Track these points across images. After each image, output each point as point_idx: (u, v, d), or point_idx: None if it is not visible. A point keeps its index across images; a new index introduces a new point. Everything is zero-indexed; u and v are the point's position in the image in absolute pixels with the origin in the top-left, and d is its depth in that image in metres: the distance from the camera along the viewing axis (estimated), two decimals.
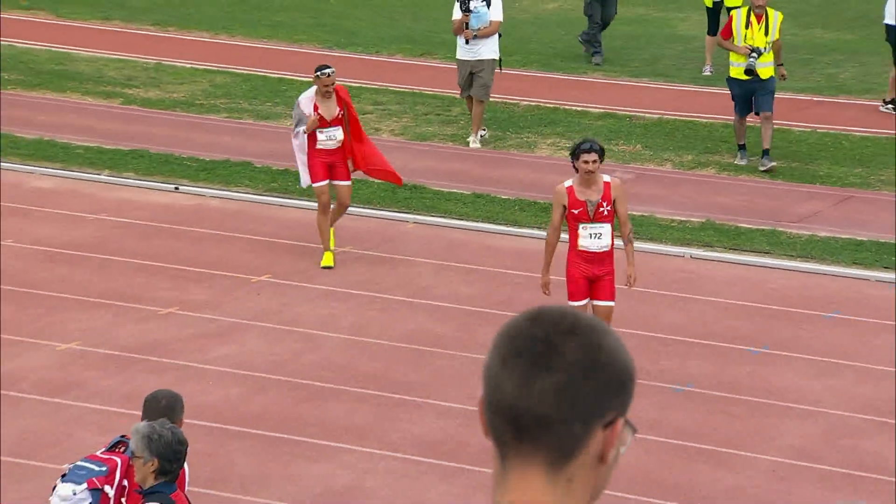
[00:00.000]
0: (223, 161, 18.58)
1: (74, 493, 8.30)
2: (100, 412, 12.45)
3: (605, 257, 12.27)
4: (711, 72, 21.65)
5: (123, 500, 8.36)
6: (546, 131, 19.69)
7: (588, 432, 2.45)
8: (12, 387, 13.06)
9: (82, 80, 21.70)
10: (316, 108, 15.17)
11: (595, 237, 12.21)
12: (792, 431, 12.47)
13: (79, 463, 8.50)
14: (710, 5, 21.45)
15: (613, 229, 12.38)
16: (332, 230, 15.48)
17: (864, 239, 16.22)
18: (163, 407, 8.57)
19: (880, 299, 14.95)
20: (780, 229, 16.54)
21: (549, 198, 17.58)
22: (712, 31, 21.54)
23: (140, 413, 8.75)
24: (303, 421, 12.59)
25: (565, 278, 12.55)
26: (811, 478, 11.80)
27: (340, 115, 15.24)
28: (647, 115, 20.24)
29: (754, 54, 17.44)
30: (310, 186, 15.49)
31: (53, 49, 23.20)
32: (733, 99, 17.98)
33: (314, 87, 15.27)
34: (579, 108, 20.48)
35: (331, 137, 15.25)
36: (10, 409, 12.70)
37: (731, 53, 17.82)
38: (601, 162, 12.31)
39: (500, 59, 18.88)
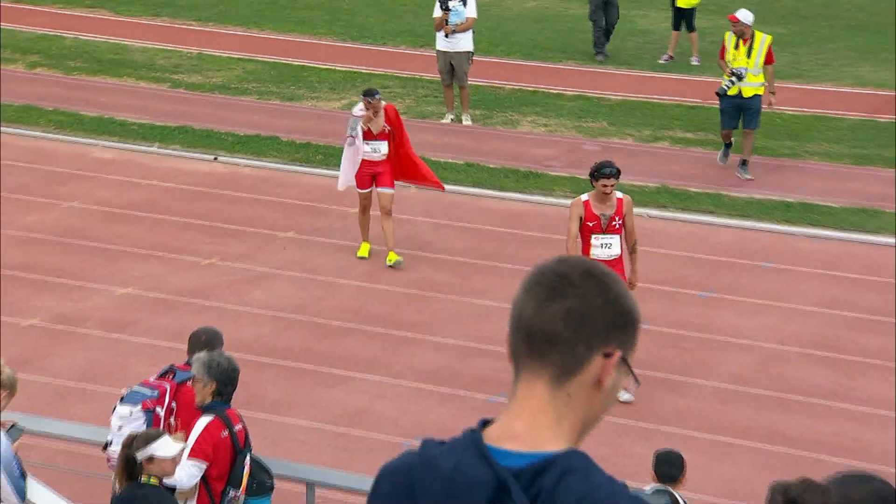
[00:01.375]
0: (254, 135, 18.57)
1: (131, 413, 8.35)
2: (152, 346, 12.50)
3: (615, 264, 11.43)
4: (666, 60, 21.60)
5: (172, 419, 8.41)
6: (527, 110, 19.67)
7: (589, 355, 2.43)
8: (79, 324, 13.12)
9: (136, 68, 21.66)
10: (367, 121, 14.29)
11: (606, 247, 11.58)
12: (731, 362, 12.53)
13: (134, 388, 8.54)
14: (692, 4, 21.37)
15: (622, 240, 11.68)
16: (392, 236, 14.34)
17: (793, 201, 16.24)
18: (203, 341, 8.60)
19: (806, 251, 15.00)
20: (723, 192, 16.55)
21: (530, 166, 17.62)
22: (676, 26, 21.53)
23: (185, 347, 8.80)
24: (322, 354, 12.64)
25: None
26: (747, 400, 11.86)
27: (387, 131, 14.24)
28: (611, 96, 20.21)
29: (734, 78, 15.98)
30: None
31: (112, 41, 23.14)
32: (721, 113, 16.48)
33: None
34: (555, 91, 20.45)
35: (376, 150, 14.24)
36: (77, 343, 12.76)
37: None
38: (617, 183, 11.59)
39: (472, 52, 18.81)
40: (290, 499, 8.82)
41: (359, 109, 14.32)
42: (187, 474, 7.91)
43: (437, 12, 18.69)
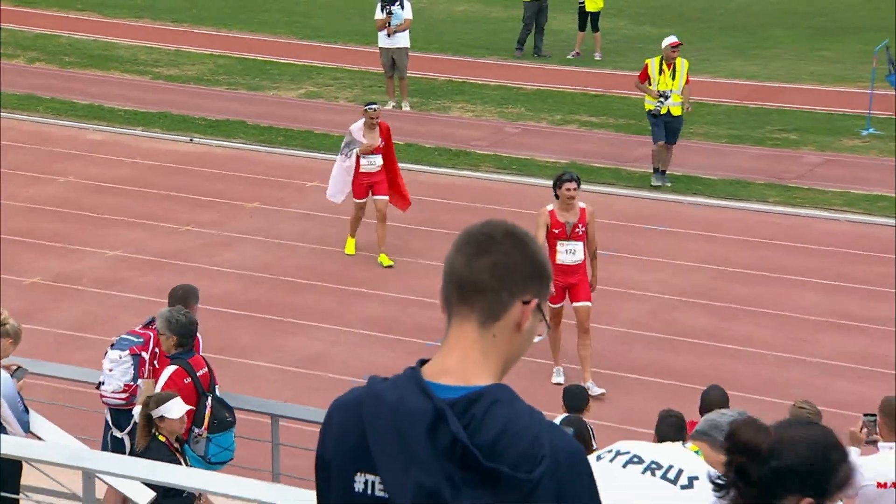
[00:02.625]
0: (224, 120, 18.37)
1: (120, 357, 8.27)
2: (137, 300, 12.36)
3: (578, 269, 10.86)
4: (574, 56, 21.56)
5: (156, 361, 8.32)
6: (457, 98, 19.61)
7: (511, 302, 2.41)
8: (75, 282, 12.95)
9: (122, 62, 21.33)
10: (365, 149, 13.29)
11: (570, 252, 10.81)
12: (629, 310, 12.60)
13: (123, 336, 8.45)
14: (598, 8, 21.32)
15: (585, 246, 10.96)
16: (384, 240, 13.48)
17: (680, 174, 16.31)
18: (180, 295, 8.52)
19: (689, 216, 15.10)
20: (622, 167, 16.60)
21: (459, 146, 17.55)
22: (582, 27, 21.47)
23: (166, 301, 8.70)
24: (285, 306, 12.57)
25: None
26: (642, 341, 11.95)
27: (382, 145, 13.33)
28: (528, 86, 20.18)
29: (662, 98, 15.15)
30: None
31: (101, 39, 22.75)
32: (652, 128, 15.54)
33: (362, 120, 13.34)
34: (480, 82, 20.38)
35: (372, 163, 13.29)
36: (73, 298, 12.60)
37: (646, 94, 15.44)
38: (578, 189, 10.88)
39: (409, 48, 18.76)
40: (258, 429, 8.78)
41: (357, 129, 13.31)
42: None
43: (379, 14, 18.66)
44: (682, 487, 3.67)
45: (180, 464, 7.24)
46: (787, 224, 14.82)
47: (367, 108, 13.44)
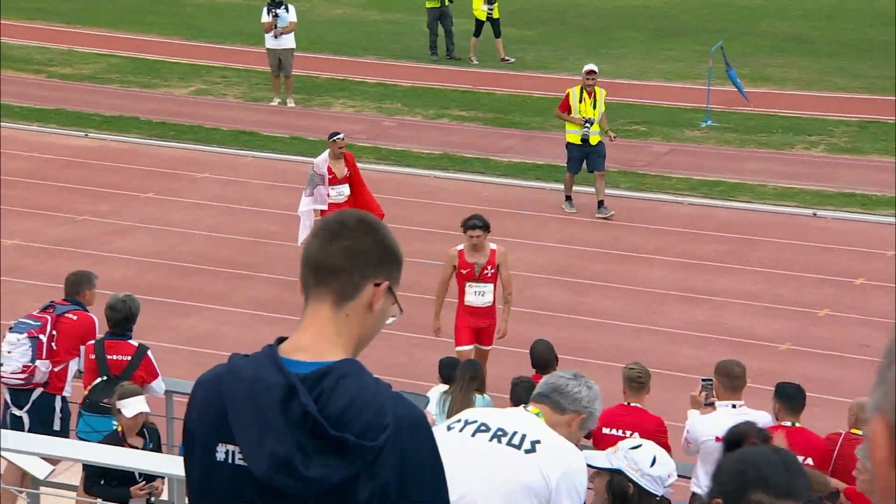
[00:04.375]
0: (118, 116, 17.96)
1: (18, 340, 8.07)
2: (36, 286, 12.03)
3: (488, 312, 10.04)
4: (474, 60, 21.26)
5: (53, 343, 8.13)
6: (338, 95, 19.51)
7: (363, 283, 2.42)
8: None
9: (16, 62, 20.65)
10: (330, 170, 12.29)
11: (479, 294, 9.98)
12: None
13: (21, 319, 8.24)
14: (483, 18, 21.16)
15: (496, 289, 10.17)
16: None
17: (542, 163, 16.52)
18: (73, 281, 8.38)
19: (551, 201, 15.29)
20: (490, 157, 16.74)
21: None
22: (477, 34, 21.18)
23: (63, 286, 8.50)
24: (177, 290, 12.38)
25: (454, 327, 10.21)
26: (511, 314, 12.05)
27: (348, 175, 12.42)
28: (403, 83, 20.19)
29: (587, 125, 14.28)
30: None
31: None
32: (569, 160, 14.58)
33: (327, 151, 12.38)
34: (360, 80, 20.31)
35: (340, 193, 12.39)
36: None
37: (567, 123, 14.54)
38: (486, 234, 10.06)
39: (294, 49, 18.63)
40: (153, 404, 8.63)
41: (322, 161, 12.35)
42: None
43: (265, 17, 18.51)
44: (526, 452, 3.73)
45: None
46: (637, 207, 15.15)
47: (332, 138, 12.34)
